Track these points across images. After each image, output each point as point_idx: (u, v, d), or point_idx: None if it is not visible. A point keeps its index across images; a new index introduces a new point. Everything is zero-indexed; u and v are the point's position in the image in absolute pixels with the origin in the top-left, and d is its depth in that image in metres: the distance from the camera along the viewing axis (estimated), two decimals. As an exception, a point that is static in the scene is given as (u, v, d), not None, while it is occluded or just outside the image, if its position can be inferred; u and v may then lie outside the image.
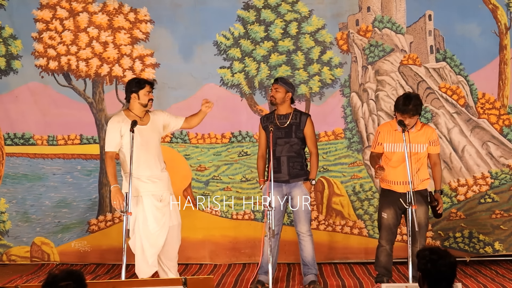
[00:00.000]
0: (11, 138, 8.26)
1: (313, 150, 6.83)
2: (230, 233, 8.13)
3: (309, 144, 6.82)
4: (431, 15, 8.06)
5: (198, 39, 8.15)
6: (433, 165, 6.65)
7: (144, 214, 6.31)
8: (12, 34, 8.21)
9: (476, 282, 6.96)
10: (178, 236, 6.57)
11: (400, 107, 6.37)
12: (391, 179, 6.56)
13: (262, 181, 6.88)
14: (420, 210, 6.47)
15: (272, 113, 6.89)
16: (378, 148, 6.67)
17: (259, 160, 6.94)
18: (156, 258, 6.40)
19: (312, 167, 6.82)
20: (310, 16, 8.10)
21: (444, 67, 8.08)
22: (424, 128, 6.55)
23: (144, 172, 6.33)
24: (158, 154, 6.48)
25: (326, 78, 8.13)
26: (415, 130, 6.47)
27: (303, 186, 6.75)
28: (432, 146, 6.55)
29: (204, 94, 8.15)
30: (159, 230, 6.33)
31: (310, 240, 6.78)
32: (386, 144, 6.55)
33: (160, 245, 6.36)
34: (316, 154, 6.84)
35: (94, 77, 8.20)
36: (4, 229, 8.22)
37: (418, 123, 6.52)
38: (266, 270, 6.61)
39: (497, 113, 8.03)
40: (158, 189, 6.40)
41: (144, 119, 6.44)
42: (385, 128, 6.63)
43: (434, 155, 6.61)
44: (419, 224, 6.44)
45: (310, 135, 6.81)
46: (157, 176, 6.41)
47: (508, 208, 7.98)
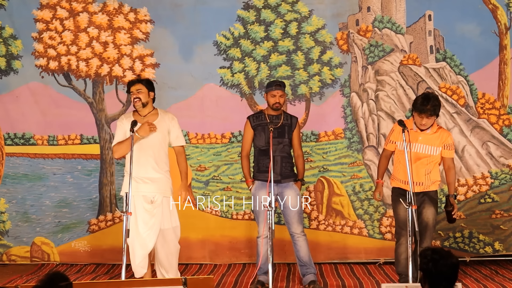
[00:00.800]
0: (12, 138, 8.26)
1: (300, 153, 6.91)
2: (230, 233, 8.13)
3: (297, 146, 6.86)
4: (431, 15, 8.06)
5: (198, 39, 8.15)
6: (447, 169, 6.58)
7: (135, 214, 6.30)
8: (12, 34, 8.21)
9: (476, 282, 6.97)
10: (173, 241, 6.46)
11: (418, 106, 6.31)
12: (403, 178, 6.48)
13: (250, 181, 6.85)
14: (429, 211, 6.46)
15: (261, 113, 6.87)
16: (390, 146, 6.65)
17: (244, 160, 6.88)
18: (144, 260, 6.33)
19: (302, 168, 6.87)
20: (310, 16, 8.10)
21: (444, 67, 8.08)
22: (440, 131, 6.50)
23: (138, 172, 6.28)
24: (157, 156, 6.40)
25: (326, 78, 8.13)
26: (430, 132, 6.43)
27: (295, 186, 6.76)
28: (447, 150, 6.50)
29: (204, 94, 8.18)
30: (147, 232, 6.30)
31: (305, 240, 6.78)
32: (399, 142, 6.52)
33: (149, 247, 6.31)
34: (303, 156, 6.94)
35: (94, 77, 8.20)
36: (4, 229, 8.22)
37: (434, 125, 6.46)
38: (265, 271, 6.61)
39: (497, 113, 8.03)
40: (149, 190, 6.35)
41: (148, 118, 6.42)
42: (399, 127, 6.54)
43: (448, 159, 6.54)
44: (427, 224, 6.44)
45: (298, 137, 6.87)
46: (151, 178, 6.36)
47: (508, 208, 7.98)
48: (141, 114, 6.45)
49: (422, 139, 6.42)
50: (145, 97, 6.41)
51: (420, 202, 6.44)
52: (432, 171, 6.49)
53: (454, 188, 6.62)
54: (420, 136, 6.42)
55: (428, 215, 6.46)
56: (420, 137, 6.42)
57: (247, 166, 6.88)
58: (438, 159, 6.51)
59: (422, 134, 6.42)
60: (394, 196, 6.62)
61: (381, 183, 6.74)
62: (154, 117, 6.45)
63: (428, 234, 6.46)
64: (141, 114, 6.45)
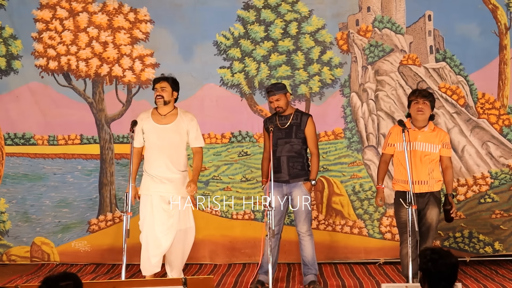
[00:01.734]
0: (12, 138, 8.26)
1: (313, 151, 6.82)
2: (230, 233, 8.13)
3: (310, 144, 6.81)
4: (431, 15, 8.06)
5: (198, 39, 8.15)
6: (444, 168, 6.61)
7: (152, 214, 6.32)
8: (12, 34, 8.21)
9: (476, 282, 6.96)
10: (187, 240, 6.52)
11: (412, 93, 6.58)
12: (404, 179, 6.43)
13: (264, 181, 6.88)
14: (433, 212, 6.46)
15: (275, 114, 6.88)
16: (388, 149, 6.65)
17: (264, 162, 6.92)
18: (159, 259, 6.39)
19: (313, 167, 6.82)
20: (310, 16, 8.11)
21: (444, 67, 8.08)
22: (437, 130, 6.57)
23: (155, 171, 6.35)
24: (174, 155, 6.42)
25: (326, 78, 8.13)
26: (428, 130, 6.47)
27: (303, 186, 6.75)
28: (445, 148, 6.54)
29: (204, 94, 8.18)
30: (164, 232, 6.33)
31: (310, 240, 6.77)
32: (397, 143, 6.52)
33: (165, 247, 6.35)
34: (316, 155, 6.83)
35: (94, 77, 8.20)
36: (4, 229, 8.22)
37: (431, 124, 6.51)
38: (266, 270, 6.61)
39: (497, 113, 8.03)
40: (166, 190, 6.38)
41: (167, 118, 6.44)
42: (396, 129, 6.57)
43: (446, 158, 6.57)
44: (430, 225, 6.45)
45: (311, 136, 6.80)
46: (168, 177, 6.39)
47: (508, 208, 7.98)
48: (161, 113, 6.46)
49: (421, 137, 6.44)
50: (168, 96, 6.47)
51: (426, 202, 6.46)
52: (435, 169, 6.51)
53: (452, 187, 6.65)
54: (419, 135, 6.45)
55: (432, 216, 6.47)
56: (419, 136, 6.44)
57: (265, 167, 6.88)
58: (438, 157, 6.54)
59: (421, 133, 6.45)
60: (397, 200, 6.58)
61: (381, 188, 6.71)
62: (173, 117, 6.48)
63: (431, 234, 6.48)
64: (161, 113, 6.46)
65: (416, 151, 6.44)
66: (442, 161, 6.59)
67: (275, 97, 6.70)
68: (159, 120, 6.41)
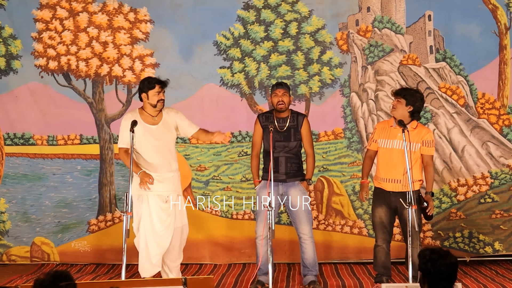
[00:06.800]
0: (11, 138, 8.26)
1: (309, 151, 6.82)
2: (230, 233, 8.13)
3: (306, 144, 6.81)
4: (431, 15, 8.06)
5: (198, 39, 8.15)
6: (425, 166, 6.59)
7: (150, 214, 6.33)
8: (12, 34, 8.21)
9: (476, 282, 6.97)
10: (182, 238, 6.55)
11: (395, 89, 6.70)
12: (382, 176, 6.54)
13: (257, 181, 6.85)
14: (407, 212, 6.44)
15: (271, 113, 6.85)
16: (372, 145, 6.71)
17: (254, 160, 6.88)
18: (160, 258, 6.40)
19: (309, 167, 6.82)
20: (310, 16, 8.10)
21: (444, 67, 8.08)
22: (418, 128, 6.53)
23: (151, 171, 6.33)
24: (168, 154, 6.45)
25: (326, 78, 8.13)
26: (409, 128, 6.43)
27: (301, 186, 6.74)
28: (425, 147, 6.51)
29: (204, 94, 8.18)
30: (164, 230, 6.34)
31: (312, 243, 6.74)
32: (380, 140, 6.58)
33: (165, 246, 6.36)
34: (312, 155, 6.82)
35: (94, 77, 8.20)
36: (4, 229, 8.22)
37: (413, 123, 6.50)
38: (265, 272, 6.61)
39: (497, 113, 8.03)
40: (164, 189, 6.38)
41: (156, 118, 6.45)
42: (381, 125, 6.71)
43: (426, 156, 6.55)
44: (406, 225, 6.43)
45: (306, 136, 6.80)
46: (164, 177, 6.40)
47: (508, 208, 7.98)
48: (151, 114, 6.45)
49: (401, 135, 6.37)
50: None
51: (399, 202, 6.38)
52: (412, 169, 6.39)
53: (432, 185, 6.59)
54: (399, 133, 6.42)
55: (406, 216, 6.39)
56: (399, 134, 6.41)
57: (255, 165, 6.86)
58: (417, 156, 6.50)
59: (401, 131, 6.37)
60: (374, 198, 6.67)
61: (366, 183, 6.73)
62: (160, 117, 6.48)
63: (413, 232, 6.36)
64: (152, 114, 6.44)
65: (393, 149, 6.46)
66: (423, 159, 6.55)
67: (283, 91, 6.69)
68: (150, 121, 6.41)
